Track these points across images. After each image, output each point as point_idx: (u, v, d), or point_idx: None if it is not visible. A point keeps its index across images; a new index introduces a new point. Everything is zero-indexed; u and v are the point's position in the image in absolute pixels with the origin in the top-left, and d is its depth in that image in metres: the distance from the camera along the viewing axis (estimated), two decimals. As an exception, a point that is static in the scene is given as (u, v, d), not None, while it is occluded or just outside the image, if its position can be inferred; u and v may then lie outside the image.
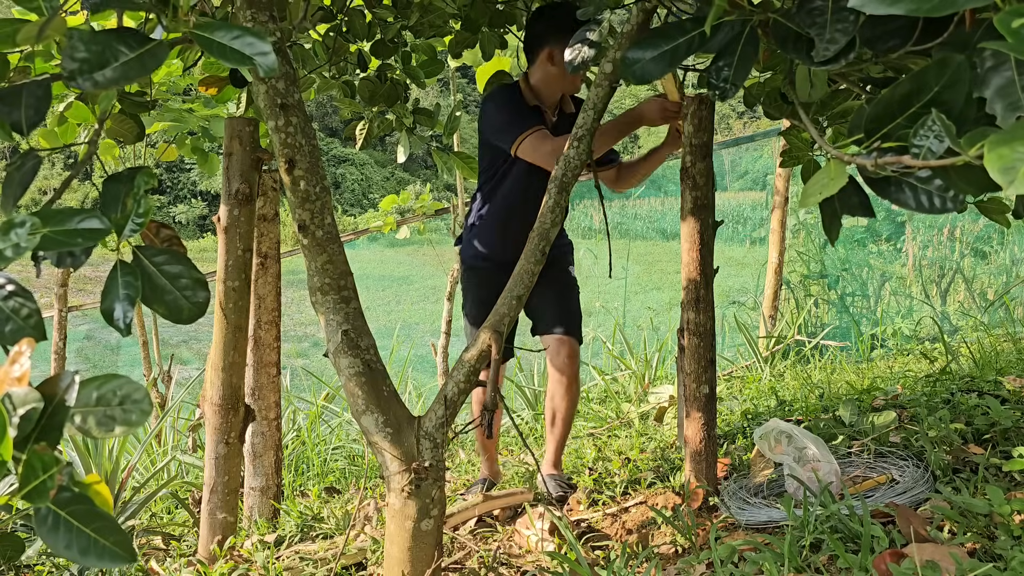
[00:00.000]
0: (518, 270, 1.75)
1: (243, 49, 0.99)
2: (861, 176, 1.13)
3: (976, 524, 1.75)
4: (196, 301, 1.06)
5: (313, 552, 2.28)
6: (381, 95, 2.83)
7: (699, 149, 2.36)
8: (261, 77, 1.60)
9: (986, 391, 2.78)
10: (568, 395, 2.75)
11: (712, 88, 1.24)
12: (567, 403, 2.76)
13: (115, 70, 0.96)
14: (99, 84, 0.94)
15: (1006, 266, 6.21)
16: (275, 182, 2.71)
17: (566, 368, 2.72)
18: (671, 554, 2.12)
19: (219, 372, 2.34)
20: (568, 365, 2.72)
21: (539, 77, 2.53)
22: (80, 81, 0.94)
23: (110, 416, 0.82)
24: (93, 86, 0.94)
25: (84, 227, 0.89)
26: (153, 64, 0.98)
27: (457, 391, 1.71)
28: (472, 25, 2.60)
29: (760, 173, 9.22)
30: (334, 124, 32.47)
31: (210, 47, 0.99)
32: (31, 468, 0.75)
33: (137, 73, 0.97)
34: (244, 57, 0.98)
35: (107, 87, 0.95)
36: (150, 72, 0.98)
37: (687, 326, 2.45)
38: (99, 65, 0.95)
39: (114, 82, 0.96)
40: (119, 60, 0.96)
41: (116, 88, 1.00)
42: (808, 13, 1.11)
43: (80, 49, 0.95)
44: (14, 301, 0.88)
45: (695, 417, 2.43)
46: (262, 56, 0.99)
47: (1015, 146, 0.67)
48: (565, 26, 2.34)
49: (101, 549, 0.77)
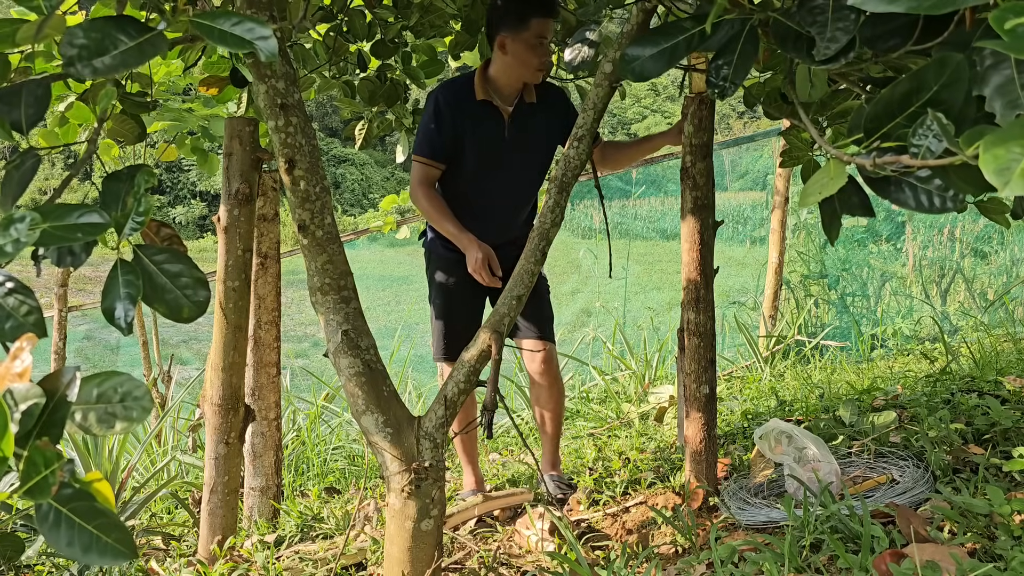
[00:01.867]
0: (518, 270, 1.75)
1: (243, 34, 0.99)
2: (861, 176, 1.13)
3: (976, 524, 1.75)
4: (197, 300, 1.06)
5: (313, 552, 2.28)
6: (381, 95, 2.83)
7: (699, 149, 2.36)
8: (261, 75, 1.60)
9: (986, 391, 2.78)
10: (552, 396, 2.77)
11: (712, 87, 1.24)
12: (553, 404, 2.78)
13: (114, 57, 0.95)
14: (98, 71, 0.94)
15: (1006, 266, 6.21)
16: (275, 182, 2.71)
17: (545, 372, 2.74)
18: (671, 554, 2.12)
19: (219, 372, 2.34)
20: (546, 369, 2.73)
21: (496, 67, 2.49)
22: (79, 68, 0.94)
23: (111, 413, 0.82)
24: (92, 73, 0.94)
25: (84, 222, 0.88)
26: (152, 52, 0.98)
27: (457, 391, 1.71)
28: (472, 26, 2.60)
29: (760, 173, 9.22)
30: (334, 124, 32.47)
31: (210, 33, 0.99)
32: (33, 464, 0.75)
33: (136, 60, 0.96)
34: (244, 42, 0.98)
35: (106, 74, 0.94)
36: (148, 59, 0.97)
37: (687, 326, 2.44)
38: (98, 52, 0.95)
39: (113, 69, 0.95)
40: (118, 48, 0.96)
41: (114, 75, 0.99)
42: (808, 12, 1.11)
43: (79, 36, 0.95)
44: (14, 298, 0.88)
45: (695, 417, 2.43)
46: (263, 40, 0.99)
47: (1010, 147, 0.67)
48: (514, 12, 2.36)
49: (103, 546, 0.77)
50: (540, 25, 2.37)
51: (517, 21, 2.37)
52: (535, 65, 2.44)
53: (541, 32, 2.38)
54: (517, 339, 2.76)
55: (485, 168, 2.55)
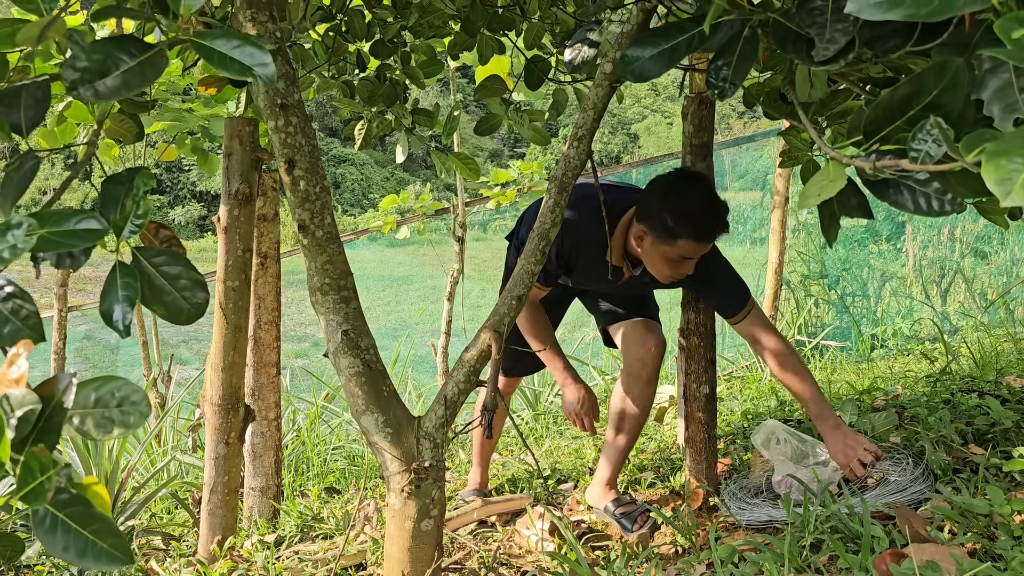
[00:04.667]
0: (518, 270, 1.75)
1: (243, 59, 0.99)
2: (859, 178, 1.13)
3: (976, 524, 1.75)
4: (195, 302, 1.06)
5: (313, 552, 2.28)
6: (380, 95, 2.82)
7: (699, 149, 2.36)
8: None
9: (986, 391, 2.78)
10: (647, 395, 2.50)
11: (711, 87, 1.24)
12: (645, 404, 2.49)
13: (116, 79, 0.96)
14: (100, 94, 0.95)
15: (1006, 266, 6.21)
16: (275, 182, 2.71)
17: (654, 358, 2.48)
18: (671, 554, 2.13)
19: (219, 372, 2.34)
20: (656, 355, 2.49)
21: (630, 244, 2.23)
22: (81, 91, 0.95)
23: (108, 418, 0.82)
24: (95, 96, 0.95)
25: (82, 228, 0.88)
26: (152, 74, 0.99)
27: (457, 391, 1.71)
28: (471, 27, 2.60)
29: (760, 173, 9.21)
30: (334, 124, 32.49)
31: (210, 56, 1.00)
32: (29, 470, 0.75)
33: (137, 83, 0.97)
34: (245, 68, 0.99)
35: (108, 97, 0.96)
36: (151, 82, 0.99)
37: (687, 326, 2.45)
38: (100, 75, 0.96)
39: (115, 91, 0.96)
40: (120, 69, 0.97)
41: (118, 97, 1.00)
42: (808, 13, 1.11)
43: (81, 59, 0.95)
44: (12, 303, 0.88)
45: (695, 417, 2.43)
46: (262, 67, 0.99)
47: (1012, 157, 0.67)
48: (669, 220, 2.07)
49: (99, 551, 0.77)
50: (688, 247, 2.08)
51: (665, 232, 2.08)
52: (666, 276, 2.20)
53: (686, 254, 2.10)
54: (618, 323, 2.55)
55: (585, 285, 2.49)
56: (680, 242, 2.07)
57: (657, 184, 2.18)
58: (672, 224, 2.06)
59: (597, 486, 2.49)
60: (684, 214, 2.06)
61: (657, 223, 2.10)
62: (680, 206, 2.07)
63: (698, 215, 2.07)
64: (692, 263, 2.14)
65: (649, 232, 2.12)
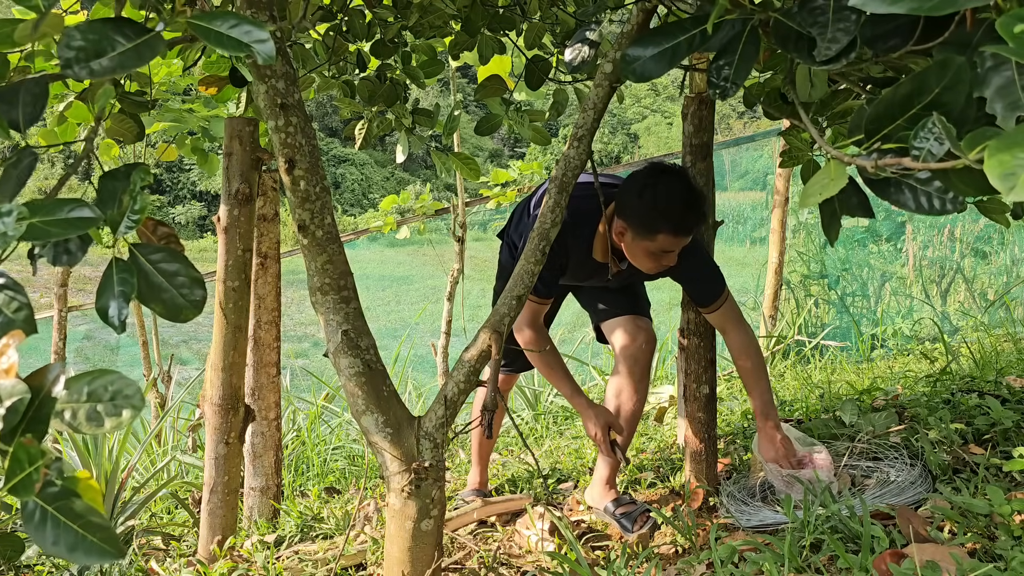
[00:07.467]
0: (518, 270, 1.74)
1: (241, 37, 0.98)
2: (860, 177, 1.12)
3: (976, 524, 1.75)
4: (193, 299, 1.05)
5: (313, 552, 2.28)
6: (381, 95, 2.82)
7: (699, 149, 2.36)
8: (261, 75, 1.60)
9: (986, 391, 2.78)
10: (643, 389, 2.53)
11: (713, 87, 1.24)
12: (641, 397, 2.52)
13: (111, 59, 0.95)
14: (95, 73, 0.93)
15: (1006, 266, 6.21)
16: (275, 182, 2.70)
17: (645, 352, 2.51)
18: (671, 554, 2.12)
19: (219, 372, 2.34)
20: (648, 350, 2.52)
21: (612, 240, 2.26)
22: (76, 69, 0.93)
23: (100, 411, 0.81)
24: (89, 75, 0.93)
25: (74, 216, 0.88)
26: (149, 54, 0.97)
27: (457, 391, 1.70)
28: (471, 27, 2.60)
29: (760, 173, 9.22)
30: (334, 124, 32.49)
31: (207, 35, 0.98)
32: (17, 461, 0.74)
33: (133, 63, 0.96)
34: (242, 44, 0.97)
35: (103, 76, 0.94)
36: (146, 62, 0.97)
37: (687, 326, 2.44)
38: (96, 54, 0.94)
39: (110, 71, 0.95)
40: (116, 49, 0.95)
41: (112, 77, 0.99)
42: (809, 12, 1.11)
43: (77, 38, 0.94)
44: (4, 294, 0.87)
45: (695, 417, 2.43)
46: (260, 43, 0.98)
47: (1015, 152, 0.67)
48: (646, 215, 2.10)
49: (88, 545, 0.76)
50: (667, 241, 2.11)
51: (644, 227, 2.12)
52: (650, 268, 2.22)
53: (666, 247, 2.13)
54: (609, 320, 2.57)
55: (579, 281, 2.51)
56: (659, 236, 2.10)
57: (633, 179, 2.20)
58: (650, 219, 2.09)
59: (597, 486, 2.48)
60: (661, 209, 2.09)
61: (635, 219, 2.13)
62: (656, 201, 2.10)
63: (674, 209, 2.09)
64: (674, 255, 2.17)
65: (629, 228, 2.16)
